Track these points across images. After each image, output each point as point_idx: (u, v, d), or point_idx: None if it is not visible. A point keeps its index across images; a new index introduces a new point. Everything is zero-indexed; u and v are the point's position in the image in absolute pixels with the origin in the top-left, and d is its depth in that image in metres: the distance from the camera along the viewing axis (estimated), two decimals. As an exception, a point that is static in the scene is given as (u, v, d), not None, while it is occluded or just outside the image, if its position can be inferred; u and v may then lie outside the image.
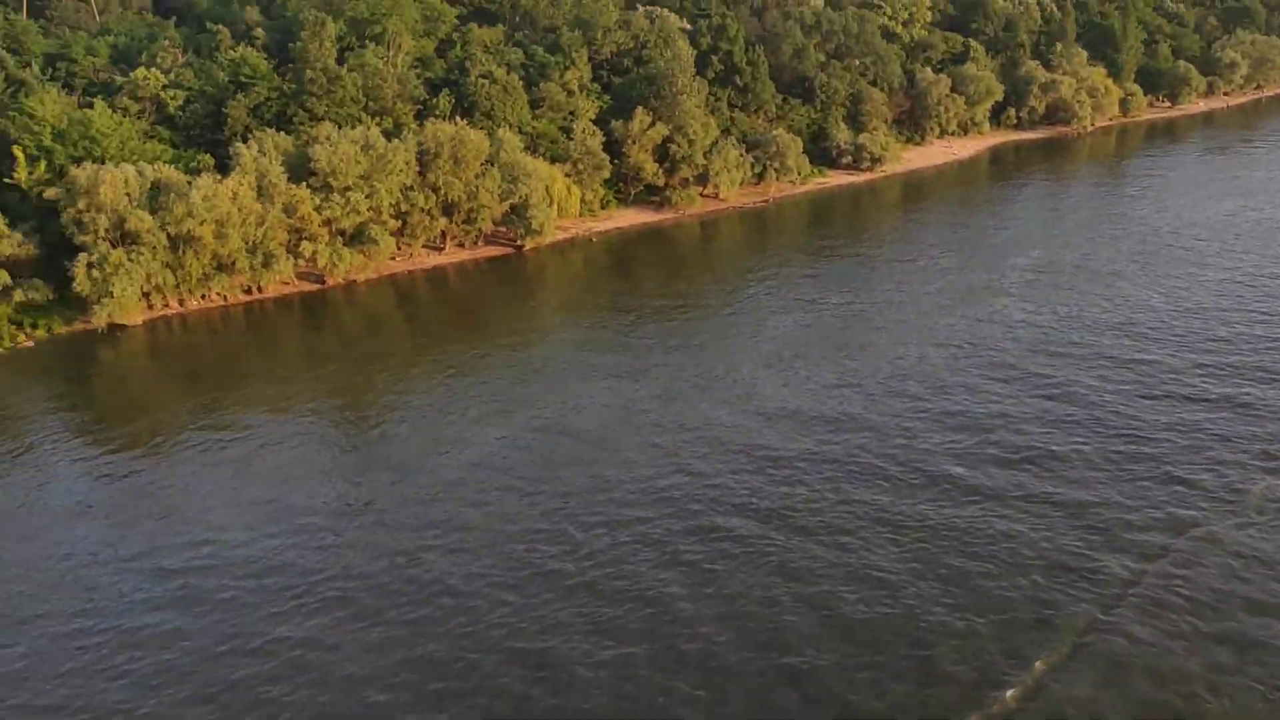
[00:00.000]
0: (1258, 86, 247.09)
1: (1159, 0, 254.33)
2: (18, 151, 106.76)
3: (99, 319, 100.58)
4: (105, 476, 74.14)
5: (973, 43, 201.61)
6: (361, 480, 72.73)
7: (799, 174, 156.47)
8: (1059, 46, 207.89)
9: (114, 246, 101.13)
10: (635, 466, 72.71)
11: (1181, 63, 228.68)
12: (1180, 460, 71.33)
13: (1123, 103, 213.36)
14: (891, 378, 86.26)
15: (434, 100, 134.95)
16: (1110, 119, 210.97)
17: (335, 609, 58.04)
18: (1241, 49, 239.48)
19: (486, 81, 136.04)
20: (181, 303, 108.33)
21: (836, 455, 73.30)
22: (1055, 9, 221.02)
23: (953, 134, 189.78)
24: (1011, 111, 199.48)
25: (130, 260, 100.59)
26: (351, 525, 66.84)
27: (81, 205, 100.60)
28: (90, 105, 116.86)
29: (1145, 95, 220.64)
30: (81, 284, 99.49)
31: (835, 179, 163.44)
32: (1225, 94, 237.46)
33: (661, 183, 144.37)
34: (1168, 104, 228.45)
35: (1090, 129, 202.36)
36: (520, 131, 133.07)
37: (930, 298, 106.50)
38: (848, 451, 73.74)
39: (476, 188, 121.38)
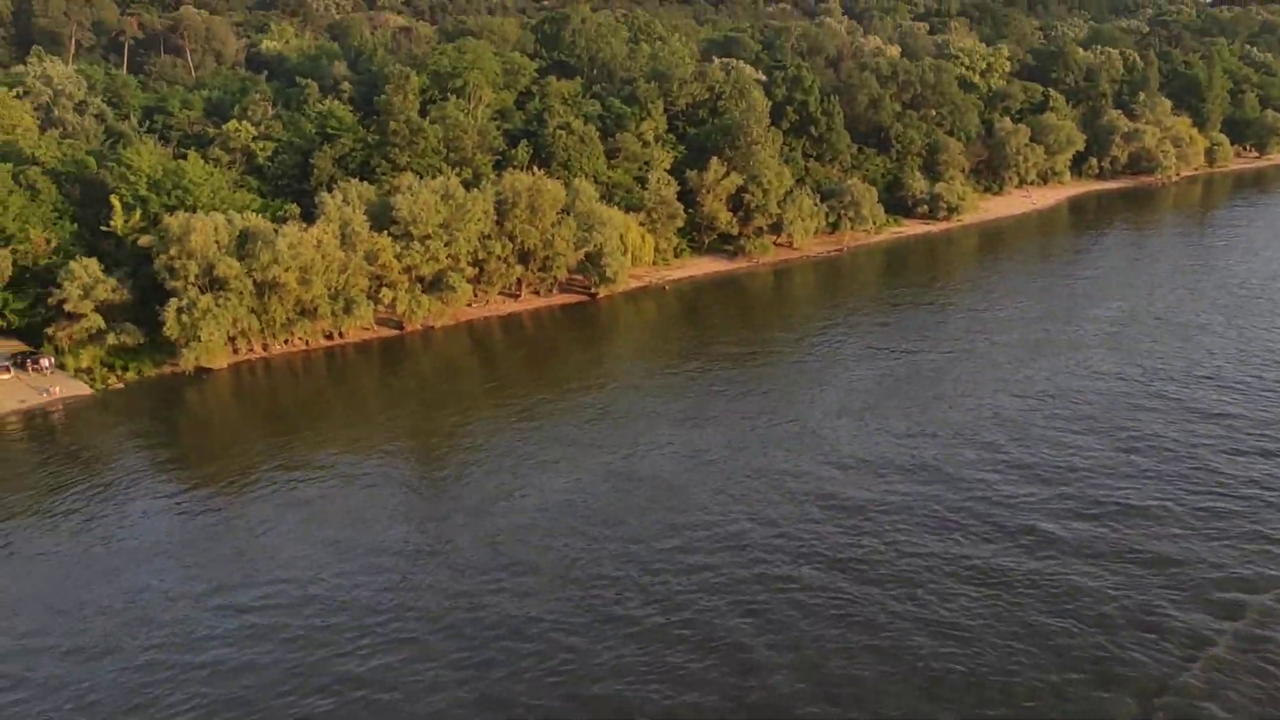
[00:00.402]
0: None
1: (1245, 49, 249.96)
2: (115, 200, 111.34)
3: (186, 362, 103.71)
4: (183, 515, 75.99)
5: (1053, 92, 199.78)
6: (431, 522, 73.55)
7: (874, 223, 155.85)
8: (1142, 96, 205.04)
9: (203, 292, 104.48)
10: (704, 512, 72.41)
11: (1269, 112, 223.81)
12: (1266, 517, 68.84)
13: (1208, 152, 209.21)
14: (966, 428, 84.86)
15: (513, 151, 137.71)
16: (1195, 169, 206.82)
17: (400, 648, 58.55)
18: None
19: (564, 132, 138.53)
20: (265, 347, 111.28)
21: (909, 505, 72.20)
22: (1138, 59, 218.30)
23: (1032, 183, 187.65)
24: (1093, 161, 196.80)
25: (218, 305, 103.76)
26: (419, 566, 67.56)
27: (173, 252, 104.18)
28: (184, 156, 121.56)
29: (1232, 145, 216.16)
30: (171, 328, 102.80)
31: (911, 228, 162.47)
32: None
33: (735, 231, 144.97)
34: (1255, 154, 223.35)
35: (1175, 179, 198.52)
36: (596, 181, 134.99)
37: (1007, 348, 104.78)
38: (921, 501, 72.62)
39: (552, 236, 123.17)
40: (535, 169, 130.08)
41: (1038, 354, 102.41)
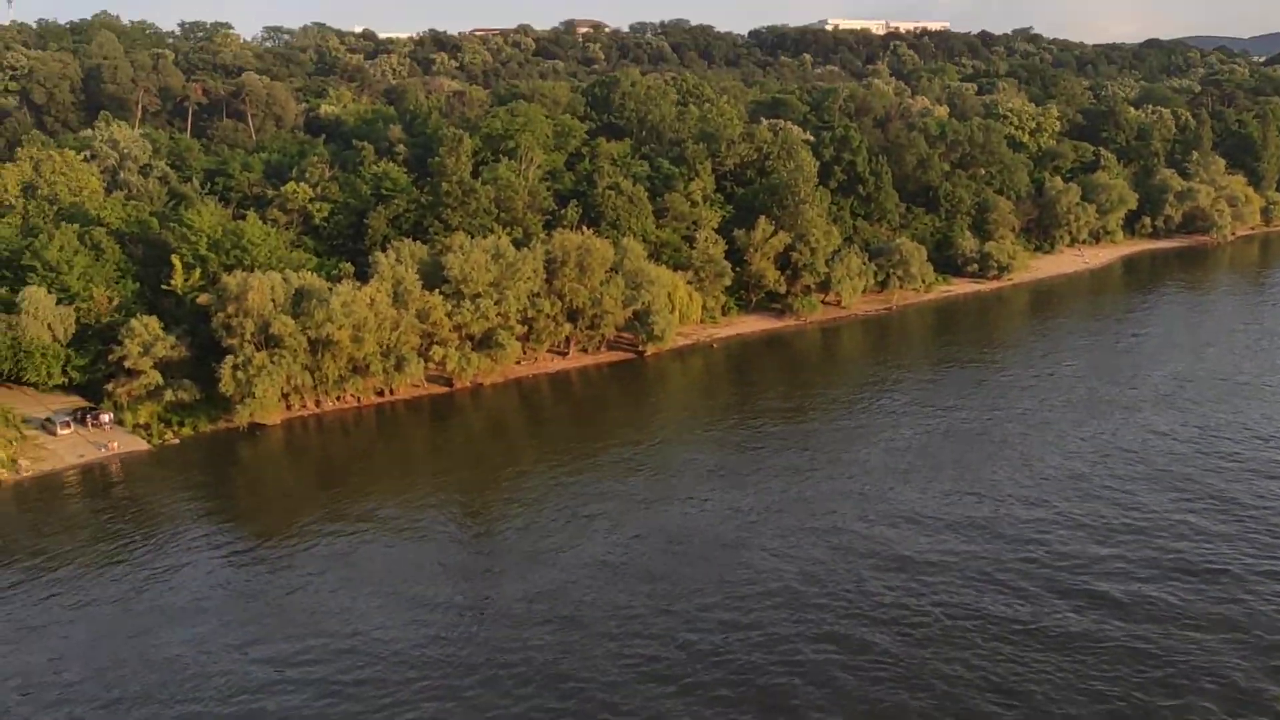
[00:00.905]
0: None
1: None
2: (175, 260, 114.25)
3: (241, 418, 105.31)
4: (229, 569, 76.55)
5: (1104, 151, 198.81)
6: (473, 577, 73.40)
7: (923, 282, 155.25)
8: (1195, 155, 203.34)
9: (258, 349, 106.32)
10: (748, 569, 71.69)
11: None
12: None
13: (1264, 211, 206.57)
14: (1014, 487, 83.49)
15: (563, 210, 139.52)
16: (1252, 228, 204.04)
17: (438, 701, 58.29)
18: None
19: (613, 192, 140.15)
20: (318, 403, 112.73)
21: (957, 564, 70.92)
22: (1190, 118, 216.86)
23: (1084, 242, 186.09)
24: (1146, 220, 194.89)
25: (272, 362, 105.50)
26: (460, 620, 67.41)
27: (230, 310, 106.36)
28: (243, 217, 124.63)
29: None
30: (227, 384, 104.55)
31: (961, 287, 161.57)
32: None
33: (783, 290, 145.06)
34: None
35: (1230, 238, 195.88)
36: (644, 240, 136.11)
37: (1058, 408, 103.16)
38: (969, 560, 71.31)
39: (601, 294, 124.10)
40: (584, 228, 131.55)
41: (1089, 414, 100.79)
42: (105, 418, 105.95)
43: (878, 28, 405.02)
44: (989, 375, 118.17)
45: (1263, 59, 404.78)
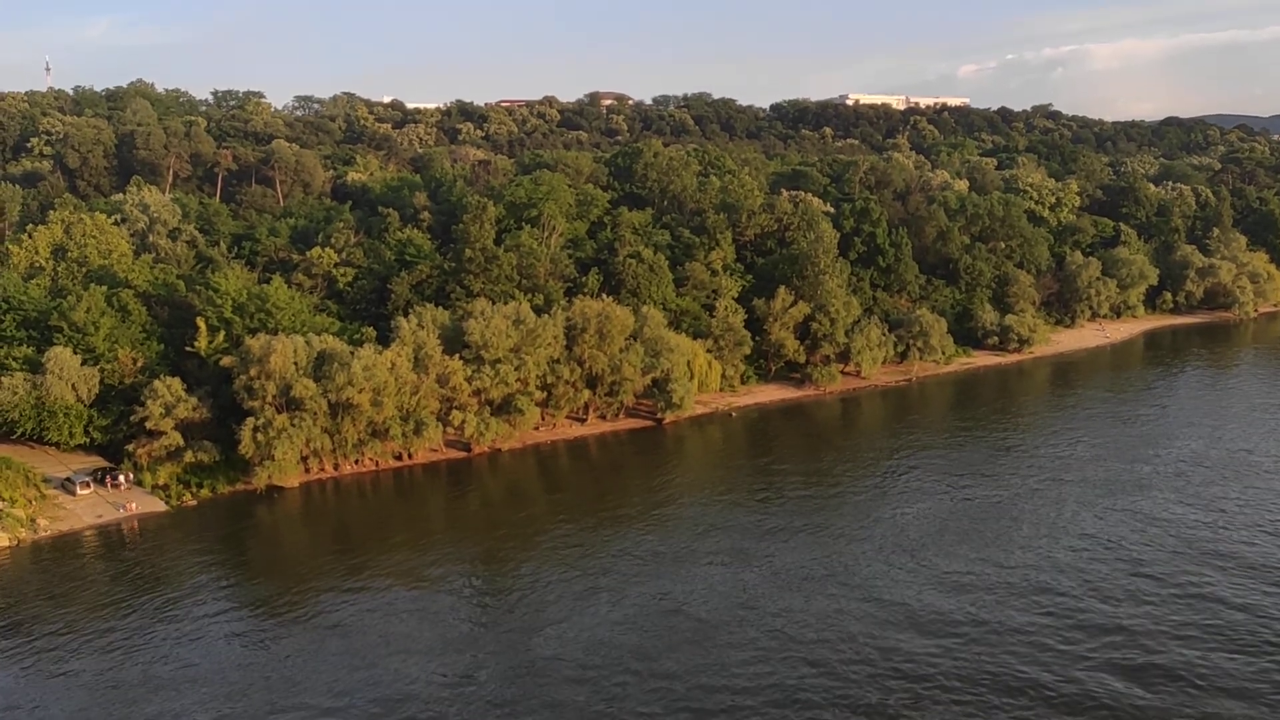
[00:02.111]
0: None
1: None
2: (200, 322, 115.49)
3: (259, 480, 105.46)
4: (226, 637, 75.65)
5: (1124, 227, 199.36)
6: (474, 652, 72.02)
7: (943, 354, 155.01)
8: (1216, 231, 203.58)
9: (279, 412, 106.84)
10: (748, 652, 70.19)
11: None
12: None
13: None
14: (1027, 576, 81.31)
15: (584, 278, 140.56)
16: (1274, 305, 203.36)
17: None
18: None
19: (634, 261, 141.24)
20: (336, 467, 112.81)
21: (966, 661, 68.76)
22: (1210, 195, 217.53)
23: (1105, 316, 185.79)
24: (1168, 295, 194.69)
25: (293, 425, 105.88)
26: (449, 695, 66.00)
27: (253, 372, 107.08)
28: (269, 280, 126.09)
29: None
30: (246, 447, 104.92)
31: (981, 359, 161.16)
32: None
33: (802, 359, 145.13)
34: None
35: (1254, 315, 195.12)
36: (664, 308, 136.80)
37: (1074, 488, 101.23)
38: (977, 657, 69.11)
39: (620, 361, 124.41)
40: (605, 296, 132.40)
41: (1102, 496, 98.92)
42: (124, 478, 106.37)
43: (898, 103, 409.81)
44: (1005, 452, 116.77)
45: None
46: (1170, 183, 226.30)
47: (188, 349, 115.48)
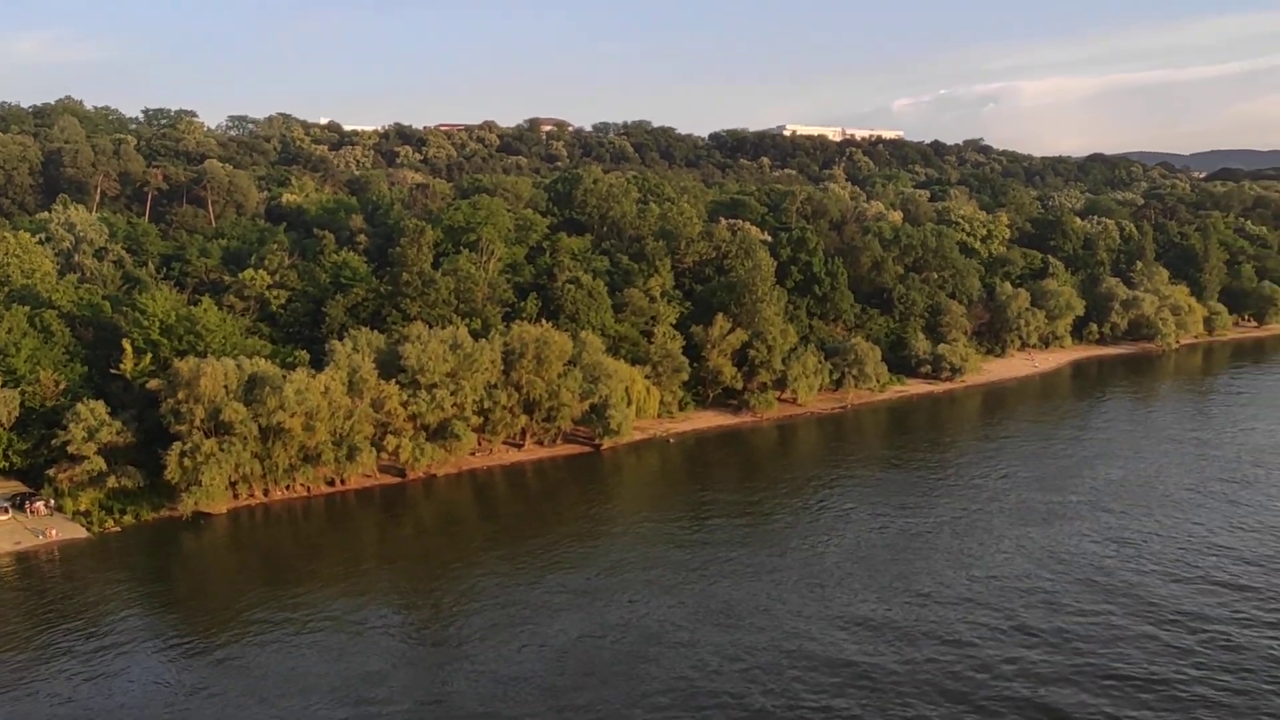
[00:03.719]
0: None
1: (1239, 222, 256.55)
2: (126, 344, 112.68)
3: (185, 507, 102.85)
4: (136, 678, 72.45)
5: (1052, 259, 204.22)
6: (384, 687, 69.52)
7: (877, 381, 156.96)
8: (1139, 265, 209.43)
9: (207, 436, 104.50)
10: (666, 685, 69.34)
11: (1266, 283, 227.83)
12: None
13: (1207, 321, 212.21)
14: (948, 596, 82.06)
15: (522, 303, 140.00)
16: (1195, 336, 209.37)
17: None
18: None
19: (573, 286, 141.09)
20: (266, 492, 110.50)
21: (892, 672, 69.43)
22: (1134, 229, 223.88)
23: (1034, 346, 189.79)
24: (1094, 326, 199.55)
25: (221, 450, 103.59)
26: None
27: (181, 396, 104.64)
28: (198, 302, 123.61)
29: (1230, 315, 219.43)
30: (173, 472, 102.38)
31: (914, 387, 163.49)
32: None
33: (740, 386, 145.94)
34: (1254, 323, 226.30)
35: (1175, 346, 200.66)
36: (603, 334, 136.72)
37: (994, 519, 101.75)
38: (895, 669, 69.71)
39: (558, 387, 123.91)
40: (544, 321, 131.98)
41: (1019, 521, 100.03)
42: (43, 504, 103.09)
43: (834, 134, 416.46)
44: (936, 479, 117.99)
45: (1202, 175, 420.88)
46: (1096, 217, 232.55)
47: (113, 371, 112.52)
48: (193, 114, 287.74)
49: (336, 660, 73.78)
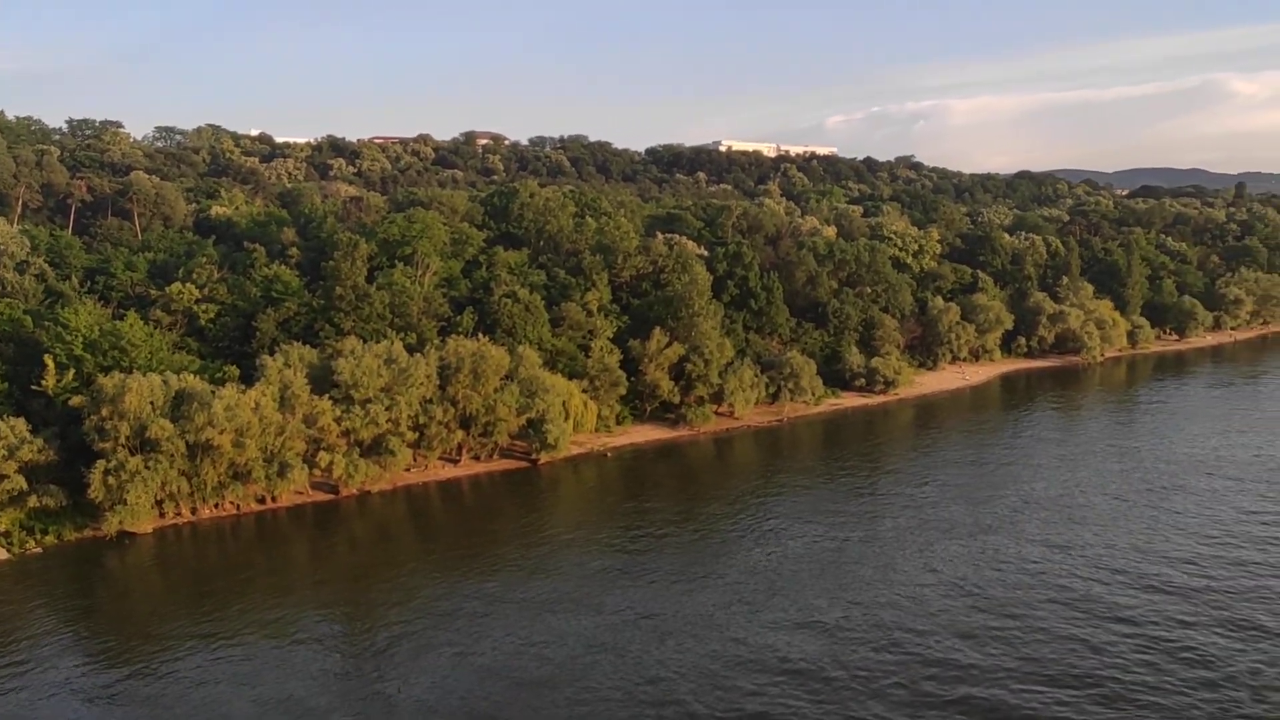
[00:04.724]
0: (1264, 322, 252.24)
1: (1160, 238, 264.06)
2: (48, 360, 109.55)
3: (110, 526, 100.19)
4: (53, 702, 70.55)
5: (981, 274, 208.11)
6: (317, 710, 68.50)
7: (813, 395, 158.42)
8: (1065, 280, 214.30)
9: (132, 454, 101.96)
10: (606, 693, 69.26)
11: (1186, 298, 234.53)
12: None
13: (1130, 334, 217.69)
14: (875, 612, 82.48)
15: (458, 317, 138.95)
16: (1119, 350, 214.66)
17: None
18: (1245, 286, 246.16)
19: (509, 300, 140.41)
20: (194, 511, 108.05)
21: (820, 695, 69.50)
22: (1060, 245, 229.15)
23: (965, 360, 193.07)
24: (1022, 340, 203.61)
25: (147, 468, 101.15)
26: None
27: (105, 413, 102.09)
28: (124, 317, 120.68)
29: (1153, 328, 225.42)
30: (96, 490, 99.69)
31: (849, 400, 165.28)
32: (1232, 329, 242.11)
33: (677, 400, 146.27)
34: (1175, 337, 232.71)
35: (1100, 359, 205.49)
36: (540, 348, 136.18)
37: (919, 533, 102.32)
38: (831, 690, 69.92)
39: (495, 402, 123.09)
40: (480, 335, 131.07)
41: (941, 535, 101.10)
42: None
43: (769, 150, 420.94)
44: (864, 493, 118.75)
45: (1124, 192, 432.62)
46: (1023, 233, 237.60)
47: (34, 388, 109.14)
48: (118, 125, 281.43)
49: (254, 686, 72.03)
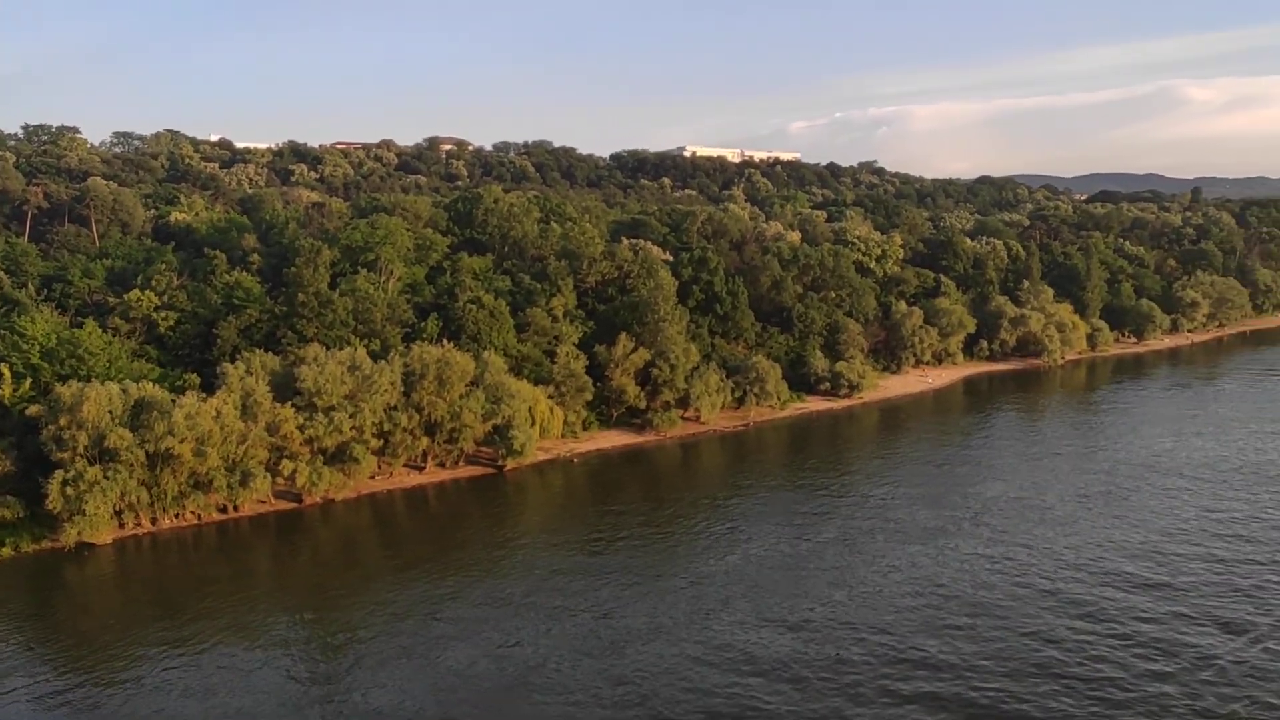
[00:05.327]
0: (1220, 325, 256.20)
1: (1118, 243, 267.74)
2: (3, 369, 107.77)
3: (68, 538, 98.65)
4: (35, 708, 69.78)
5: (944, 278, 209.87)
6: None
7: (778, 399, 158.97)
8: (1026, 284, 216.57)
9: (91, 464, 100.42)
10: (564, 706, 68.92)
11: (1144, 301, 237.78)
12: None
13: (1090, 337, 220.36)
14: (842, 622, 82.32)
15: (423, 323, 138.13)
16: (1079, 353, 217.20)
17: None
18: (1201, 289, 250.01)
19: (474, 306, 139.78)
20: (154, 521, 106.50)
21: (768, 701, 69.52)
22: (1020, 249, 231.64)
23: (928, 363, 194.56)
24: (984, 343, 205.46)
25: (106, 478, 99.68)
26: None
27: (63, 422, 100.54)
28: (81, 325, 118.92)
29: (1112, 331, 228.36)
30: (54, 501, 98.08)
31: (814, 404, 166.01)
32: (1189, 331, 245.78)
33: (643, 405, 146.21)
34: (1134, 339, 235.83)
35: (1061, 362, 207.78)
36: (506, 354, 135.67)
37: (891, 532, 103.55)
38: (788, 695, 70.01)
39: (460, 408, 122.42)
40: (445, 341, 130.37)
41: (905, 539, 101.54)
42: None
43: (733, 156, 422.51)
44: (830, 495, 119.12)
45: (1083, 196, 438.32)
46: (984, 237, 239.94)
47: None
48: (75, 130, 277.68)
49: (207, 699, 71.14)
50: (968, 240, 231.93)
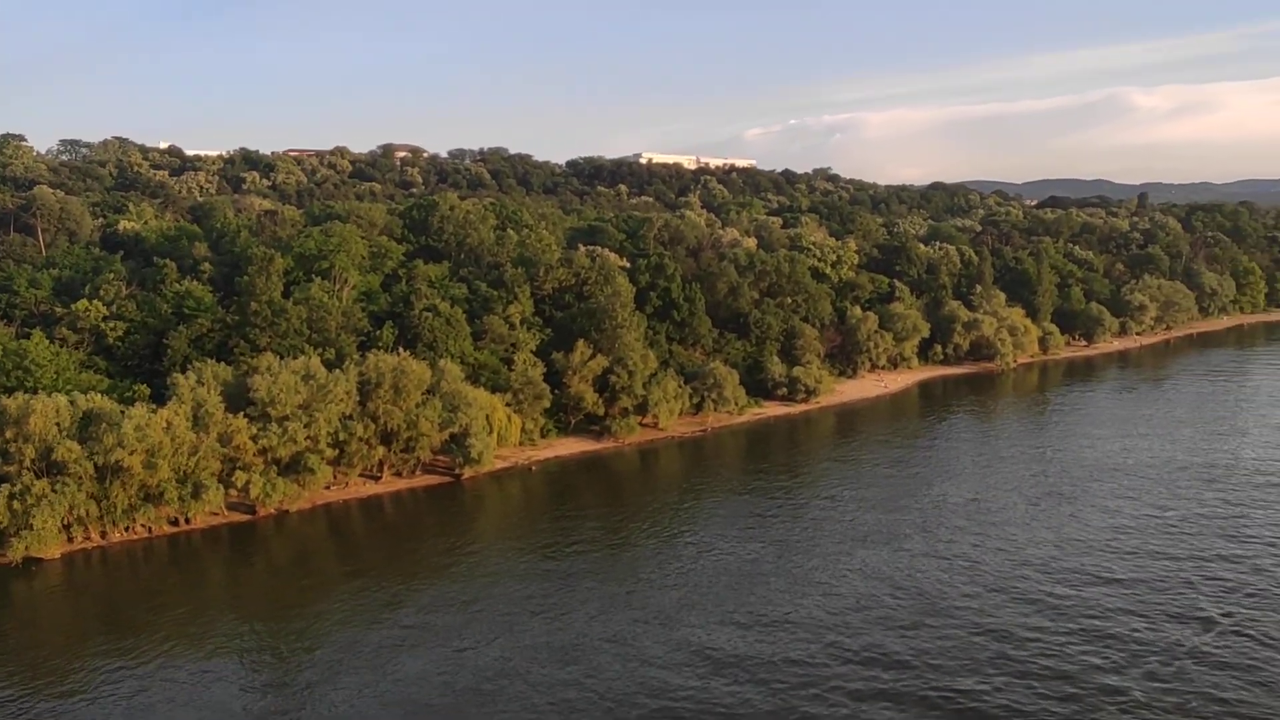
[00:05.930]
0: (1167, 327, 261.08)
1: (1068, 247, 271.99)
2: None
3: (15, 553, 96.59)
4: None
5: (898, 283, 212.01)
6: None
7: (736, 404, 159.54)
8: (979, 288, 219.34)
9: (38, 477, 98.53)
10: (517, 716, 68.72)
11: (1094, 304, 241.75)
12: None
13: (1041, 341, 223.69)
14: (800, 622, 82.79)
15: (378, 332, 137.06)
16: (1031, 356, 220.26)
17: None
18: (1148, 293, 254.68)
19: (430, 314, 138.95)
20: (104, 535, 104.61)
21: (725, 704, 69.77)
22: (973, 254, 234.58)
23: (883, 368, 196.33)
24: (938, 347, 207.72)
25: (54, 491, 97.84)
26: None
27: (9, 435, 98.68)
28: (28, 335, 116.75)
29: (1062, 334, 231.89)
30: (1, 516, 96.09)
31: (771, 409, 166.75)
32: (1138, 334, 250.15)
33: (602, 412, 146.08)
34: (1084, 343, 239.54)
35: (1013, 365, 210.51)
36: (462, 362, 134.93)
37: (847, 536, 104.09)
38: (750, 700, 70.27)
39: (416, 417, 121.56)
40: (401, 350, 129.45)
41: (858, 544, 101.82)
42: None
43: (689, 163, 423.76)
44: (786, 500, 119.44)
45: (1033, 202, 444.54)
46: (938, 243, 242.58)
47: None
48: (21, 138, 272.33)
49: (148, 715, 69.86)
50: (921, 246, 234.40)
